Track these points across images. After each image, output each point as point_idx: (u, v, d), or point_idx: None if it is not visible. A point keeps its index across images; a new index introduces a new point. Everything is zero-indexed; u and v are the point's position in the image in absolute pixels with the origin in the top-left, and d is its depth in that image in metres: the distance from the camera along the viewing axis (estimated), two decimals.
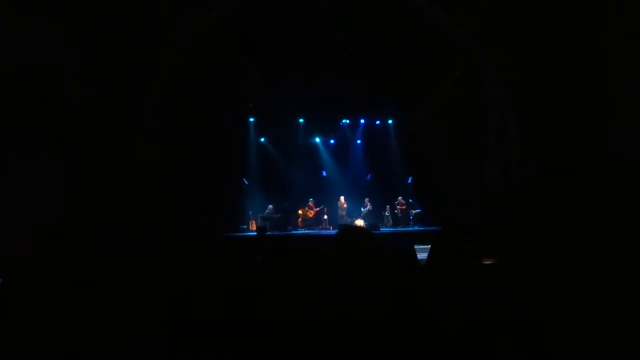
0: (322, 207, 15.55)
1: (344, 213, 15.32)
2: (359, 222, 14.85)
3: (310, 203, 15.68)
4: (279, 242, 10.65)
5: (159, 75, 9.34)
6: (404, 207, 15.21)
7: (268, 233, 12.50)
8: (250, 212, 15.07)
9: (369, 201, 15.40)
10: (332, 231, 14.30)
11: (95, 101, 8.02)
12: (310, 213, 15.67)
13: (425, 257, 2.43)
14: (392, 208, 15.38)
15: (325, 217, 15.59)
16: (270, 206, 15.00)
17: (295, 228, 15.37)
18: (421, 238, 10.17)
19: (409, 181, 15.84)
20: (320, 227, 15.47)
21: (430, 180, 14.50)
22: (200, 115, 12.00)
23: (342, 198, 15.44)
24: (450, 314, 1.84)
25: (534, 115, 9.50)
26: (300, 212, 15.89)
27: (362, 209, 15.40)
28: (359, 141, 17.25)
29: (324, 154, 17.22)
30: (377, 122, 16.52)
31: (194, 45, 10.15)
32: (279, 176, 16.49)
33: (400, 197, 15.40)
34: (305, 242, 10.00)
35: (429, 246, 2.43)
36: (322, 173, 16.92)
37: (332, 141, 17.31)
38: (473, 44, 10.33)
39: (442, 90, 13.88)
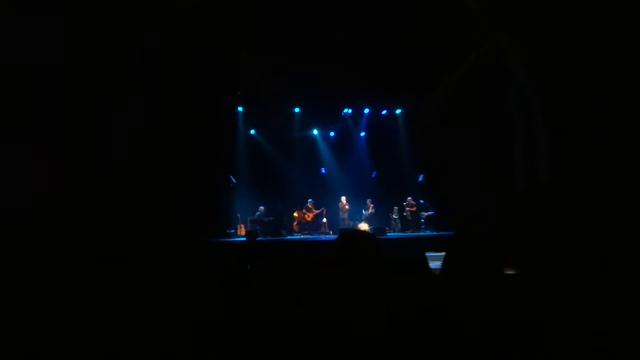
0: (322, 209, 15.60)
1: (345, 216, 15.34)
2: (363, 226, 14.84)
3: (309, 204, 15.71)
4: (271, 249, 10.63)
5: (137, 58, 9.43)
6: (414, 208, 15.24)
7: (259, 239, 12.48)
8: (239, 215, 15.08)
9: (372, 203, 15.47)
10: (332, 236, 14.31)
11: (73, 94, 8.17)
12: (309, 216, 15.70)
13: (438, 266, 2.43)
14: (401, 210, 15.43)
15: (325, 220, 15.61)
16: (262, 208, 15.01)
17: (291, 233, 15.38)
18: (434, 244, 10.32)
19: (420, 179, 15.90)
20: (319, 231, 15.50)
21: (445, 178, 14.53)
22: (181, 104, 11.96)
23: (343, 199, 15.44)
24: (467, 331, 1.86)
25: (565, 107, 9.52)
26: (296, 214, 15.91)
27: (363, 212, 15.47)
28: (362, 133, 17.27)
29: (323, 148, 17.30)
30: (384, 112, 16.51)
31: (172, 25, 10.17)
32: (272, 173, 16.51)
33: (409, 198, 15.44)
34: (301, 250, 9.97)
35: (443, 254, 2.42)
36: (320, 170, 16.99)
37: (332, 133, 17.34)
38: (496, 22, 10.31)
39: (459, 75, 13.85)
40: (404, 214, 15.39)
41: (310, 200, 15.82)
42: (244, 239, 12.72)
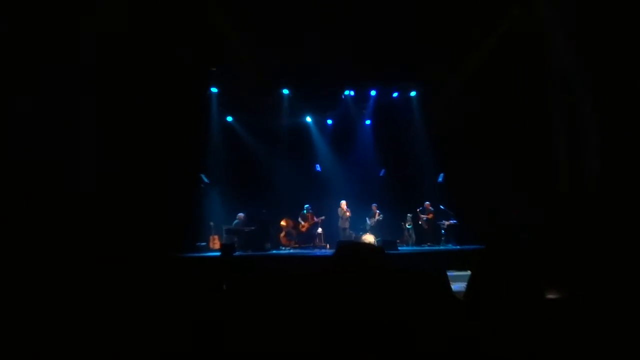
0: (321, 217, 15.64)
1: (346, 225, 15.35)
2: (369, 238, 14.68)
3: (307, 213, 15.78)
4: (252, 266, 10.58)
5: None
6: (432, 216, 15.26)
7: (237, 254, 12.41)
8: (212, 224, 15.05)
9: (378, 209, 15.48)
10: (329, 251, 14.30)
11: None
12: (304, 226, 15.73)
13: (462, 289, 2.43)
14: (416, 218, 15.45)
15: (320, 230, 15.62)
16: (241, 215, 15.00)
17: (277, 246, 15.38)
18: (457, 261, 10.31)
19: (440, 179, 15.92)
20: (313, 245, 15.51)
21: (470, 178, 14.55)
22: (138, 83, 11.85)
23: (343, 204, 15.45)
24: None
25: (618, 93, 9.46)
26: (284, 223, 15.92)
27: (367, 220, 15.51)
28: (368, 121, 17.28)
29: (318, 139, 17.31)
30: (395, 94, 16.49)
31: None
32: (254, 171, 16.52)
33: (427, 203, 15.45)
34: (291, 267, 9.93)
35: (468, 273, 2.42)
36: (314, 167, 17.02)
37: (329, 121, 17.35)
38: None
39: (489, 51, 13.81)
40: (420, 223, 15.40)
41: (307, 206, 15.84)
42: (218, 253, 12.61)
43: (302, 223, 15.77)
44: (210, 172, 15.80)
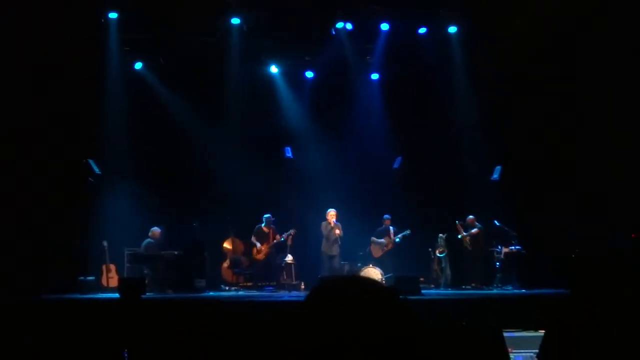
0: (288, 232, 15.69)
1: (334, 251, 15.46)
2: (372, 273, 14.83)
3: (264, 226, 15.87)
4: (172, 320, 10.53)
5: None
6: (480, 236, 15.49)
7: (147, 295, 12.41)
8: (106, 244, 15.02)
9: (391, 222, 15.65)
10: (303, 294, 14.13)
11: None
12: (261, 251, 15.78)
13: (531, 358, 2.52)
14: (452, 240, 15.65)
15: (290, 258, 15.67)
16: (156, 230, 15.12)
17: (216, 284, 15.52)
18: (521, 314, 10.30)
19: (495, 176, 16.06)
20: (276, 283, 15.60)
21: (547, 175, 14.63)
22: None
23: (331, 214, 15.56)
24: None
25: None
26: (227, 245, 16.07)
27: (381, 240, 15.68)
28: (375, 75, 17.51)
29: (290, 104, 17.54)
30: (421, 31, 16.53)
31: None
32: (179, 157, 16.70)
33: (471, 217, 15.68)
34: (235, 323, 9.88)
35: (541, 334, 2.54)
36: (284, 151, 17.15)
37: (309, 74, 17.56)
38: None
39: None
40: (459, 249, 15.55)
41: (267, 216, 15.93)
42: (116, 294, 12.65)
43: (258, 246, 15.79)
44: (105, 157, 15.78)
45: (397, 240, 15.58)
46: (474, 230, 15.47)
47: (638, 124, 13.92)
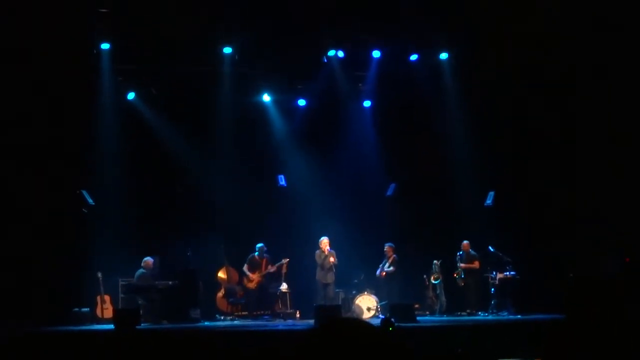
0: (281, 262, 15.67)
1: (329, 279, 15.42)
2: (367, 301, 14.90)
3: (256, 256, 15.78)
4: (168, 350, 10.47)
5: None
6: (477, 264, 15.47)
7: (142, 326, 12.37)
8: (100, 275, 14.93)
9: (393, 250, 15.66)
10: (300, 324, 14.30)
11: None
12: (253, 279, 15.71)
13: None
14: (445, 265, 15.63)
15: (285, 287, 15.71)
16: (149, 260, 15.08)
17: (211, 314, 15.50)
18: (517, 341, 10.26)
19: (489, 201, 16.06)
20: (271, 312, 15.59)
21: (541, 198, 14.65)
22: None
23: (324, 242, 15.56)
24: None
25: None
26: (222, 275, 16.03)
27: (379, 268, 15.71)
28: (367, 103, 17.51)
29: (282, 132, 17.48)
30: (413, 58, 16.56)
31: None
32: (173, 186, 16.67)
33: (465, 242, 15.65)
34: (230, 353, 9.83)
35: None
36: (276, 179, 17.12)
37: (302, 102, 17.54)
38: None
39: None
40: (455, 276, 15.54)
41: (260, 245, 15.88)
42: (111, 326, 12.61)
43: (249, 275, 15.74)
44: (99, 187, 15.68)
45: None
46: (473, 263, 15.43)
47: (632, 151, 13.91)
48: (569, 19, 14.06)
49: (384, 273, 15.58)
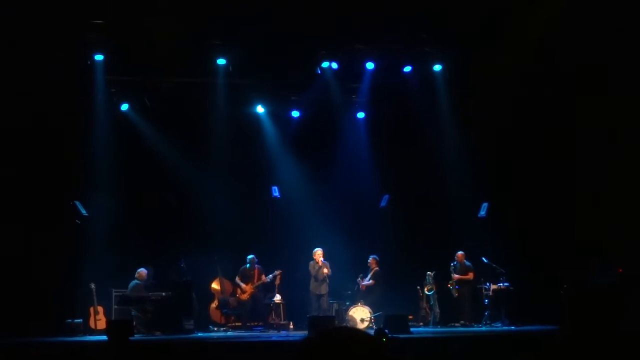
0: (274, 273, 15.65)
1: (322, 290, 15.46)
2: (360, 312, 14.88)
3: (251, 269, 15.76)
4: None
5: None
6: (470, 275, 15.49)
7: (135, 337, 12.30)
8: (93, 286, 14.88)
9: (377, 263, 15.70)
10: (293, 335, 14.26)
11: None
12: (246, 290, 15.70)
13: None
14: (439, 276, 15.60)
15: (278, 298, 15.69)
16: (143, 271, 15.07)
17: (204, 325, 15.47)
18: (511, 352, 10.22)
19: (483, 213, 16.18)
20: (264, 323, 15.59)
21: (535, 210, 14.73)
22: None
23: (318, 253, 15.57)
24: None
25: None
26: (216, 286, 16.04)
27: (360, 279, 15.72)
28: (361, 114, 17.58)
29: (276, 143, 17.50)
30: (406, 69, 16.58)
31: None
32: (165, 197, 16.56)
33: (460, 253, 15.67)
34: None
35: None
36: (270, 190, 17.16)
37: (295, 113, 17.59)
38: None
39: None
40: (449, 286, 15.54)
41: (251, 257, 15.87)
42: (104, 337, 12.56)
43: (242, 286, 15.74)
44: (92, 198, 15.72)
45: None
46: (468, 275, 15.44)
47: (627, 163, 13.97)
48: (563, 28, 14.07)
49: (363, 286, 15.57)
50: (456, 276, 15.48)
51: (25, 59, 13.54)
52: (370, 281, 15.57)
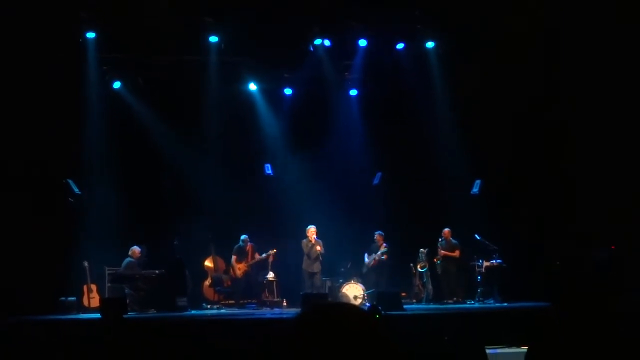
0: (268, 252, 15.74)
1: (315, 268, 15.53)
2: (353, 290, 14.95)
3: (246, 246, 15.88)
4: (155, 338, 10.47)
5: None
6: (457, 253, 15.54)
7: (130, 314, 12.39)
8: (86, 264, 14.92)
9: (383, 238, 15.79)
10: (287, 312, 14.34)
11: None
12: (240, 268, 15.81)
13: None
14: (434, 255, 15.68)
15: (271, 275, 15.74)
16: (136, 249, 15.06)
17: (198, 303, 15.53)
18: (503, 329, 10.28)
19: (475, 190, 16.20)
20: (257, 300, 15.69)
21: (527, 187, 14.78)
22: None
23: (311, 231, 15.65)
24: None
25: None
26: (209, 263, 16.08)
27: (365, 258, 15.83)
28: (353, 91, 17.60)
29: (269, 120, 17.56)
30: (399, 46, 16.60)
31: None
32: (158, 175, 16.71)
33: (447, 230, 15.70)
34: (218, 340, 9.83)
35: (523, 350, 2.45)
36: (262, 168, 17.21)
37: (288, 91, 17.62)
38: None
39: None
40: (436, 261, 15.58)
41: (244, 237, 15.95)
42: (97, 315, 12.64)
43: (236, 265, 15.80)
44: (85, 177, 15.73)
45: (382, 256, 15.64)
46: (456, 251, 15.48)
47: (620, 139, 14.02)
48: (560, 12, 14.08)
49: (376, 260, 15.60)
50: (442, 252, 15.51)
51: (16, 37, 13.47)
52: (384, 256, 15.59)
